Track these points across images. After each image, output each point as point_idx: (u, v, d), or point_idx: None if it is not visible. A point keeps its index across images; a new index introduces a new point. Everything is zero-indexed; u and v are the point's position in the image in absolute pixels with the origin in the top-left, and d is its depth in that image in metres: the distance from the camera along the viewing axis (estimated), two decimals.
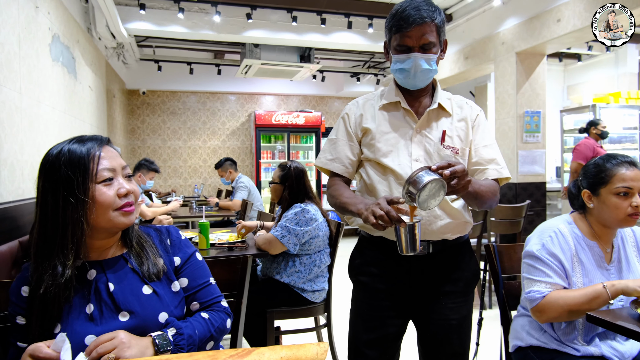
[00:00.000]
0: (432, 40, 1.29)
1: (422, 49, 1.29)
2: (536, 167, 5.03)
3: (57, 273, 0.92)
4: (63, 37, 3.45)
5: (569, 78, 7.97)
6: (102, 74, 5.14)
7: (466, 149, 1.39)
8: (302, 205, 2.38)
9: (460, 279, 1.40)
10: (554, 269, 1.40)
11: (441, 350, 1.40)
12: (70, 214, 0.93)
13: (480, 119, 1.43)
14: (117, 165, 1.00)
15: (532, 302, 1.39)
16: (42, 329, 0.91)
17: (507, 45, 5.04)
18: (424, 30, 1.27)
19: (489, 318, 2.55)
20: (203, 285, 1.11)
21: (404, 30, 1.27)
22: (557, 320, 1.39)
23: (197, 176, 8.02)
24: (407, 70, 1.31)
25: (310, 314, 2.43)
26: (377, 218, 1.11)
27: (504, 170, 1.40)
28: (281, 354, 0.86)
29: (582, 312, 1.31)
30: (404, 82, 1.37)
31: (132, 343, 0.89)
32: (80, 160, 0.94)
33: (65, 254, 0.93)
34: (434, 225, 1.33)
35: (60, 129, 3.30)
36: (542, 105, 5.05)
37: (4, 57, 2.29)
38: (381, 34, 5.83)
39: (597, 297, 1.29)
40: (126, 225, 1.00)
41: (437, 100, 1.38)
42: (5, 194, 2.29)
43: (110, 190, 0.97)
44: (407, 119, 1.38)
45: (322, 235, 2.39)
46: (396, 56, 1.32)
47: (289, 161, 2.58)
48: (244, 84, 7.98)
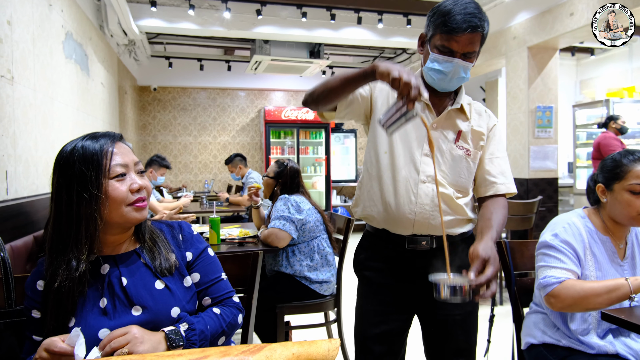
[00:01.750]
0: (476, 49, 1.26)
1: (464, 56, 1.26)
2: (548, 162, 4.97)
3: (71, 267, 0.93)
4: (76, 35, 3.49)
5: (581, 72, 7.85)
6: (114, 71, 5.18)
7: (478, 152, 1.38)
8: (286, 195, 2.46)
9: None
10: (568, 255, 1.38)
11: (445, 346, 1.39)
12: (84, 209, 0.94)
13: (497, 130, 1.43)
14: (130, 161, 1.01)
15: (547, 288, 1.36)
16: (56, 322, 0.93)
17: (518, 40, 4.97)
18: (473, 39, 1.23)
19: (500, 315, 2.54)
20: (215, 281, 1.12)
21: (454, 34, 1.22)
22: (570, 310, 1.35)
23: (208, 172, 8.07)
24: (444, 73, 1.28)
25: (320, 309, 2.44)
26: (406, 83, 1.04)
27: (512, 186, 1.40)
28: (293, 350, 0.86)
29: (599, 303, 1.28)
30: (435, 83, 1.33)
31: (145, 338, 0.90)
32: (94, 157, 0.96)
33: (79, 248, 0.94)
34: (437, 220, 1.32)
35: (73, 125, 3.34)
36: (554, 100, 4.98)
37: (18, 55, 2.32)
38: (391, 30, 5.79)
39: (617, 288, 1.27)
40: (138, 220, 1.01)
41: (460, 102, 1.36)
42: (21, 189, 2.33)
43: (122, 186, 0.98)
44: (426, 113, 1.36)
45: (312, 221, 2.42)
46: (437, 56, 1.27)
47: (287, 159, 2.62)
48: (254, 80, 7.99)
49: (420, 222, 1.32)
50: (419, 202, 1.31)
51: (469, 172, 1.37)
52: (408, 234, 1.35)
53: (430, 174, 1.33)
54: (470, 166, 1.37)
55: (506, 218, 1.35)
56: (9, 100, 2.19)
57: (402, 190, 1.33)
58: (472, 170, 1.38)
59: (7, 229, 2.03)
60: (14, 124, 2.26)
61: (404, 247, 1.36)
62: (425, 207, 1.31)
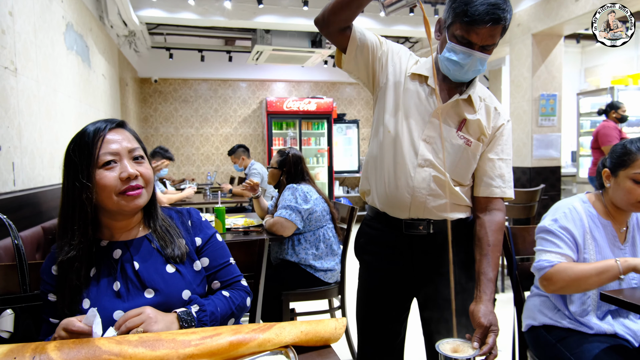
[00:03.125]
0: (496, 42, 1.22)
1: (483, 48, 1.21)
2: (551, 151, 4.98)
3: (65, 252, 0.98)
4: (76, 26, 3.49)
5: (586, 60, 7.80)
6: (115, 63, 5.18)
7: (480, 145, 1.34)
8: (294, 185, 2.47)
9: (464, 260, 1.37)
10: (565, 240, 1.41)
11: (444, 328, 1.42)
12: (76, 197, 0.98)
13: (506, 130, 1.37)
14: (122, 148, 1.01)
15: (540, 271, 1.41)
16: (70, 301, 0.97)
17: (523, 27, 4.94)
18: (494, 32, 1.18)
19: (501, 302, 2.56)
20: (224, 265, 1.14)
21: (475, 25, 1.16)
22: (563, 292, 1.40)
23: (210, 164, 8.09)
24: (460, 65, 1.24)
25: (325, 296, 2.48)
26: None
27: (509, 191, 1.36)
28: (301, 328, 0.89)
29: (590, 284, 1.33)
30: (450, 73, 1.29)
31: (159, 318, 0.93)
32: (86, 146, 0.98)
33: (71, 235, 0.99)
34: (432, 203, 1.31)
35: (76, 117, 3.35)
36: (559, 88, 4.96)
37: (21, 46, 2.33)
38: (394, 19, 5.76)
39: (607, 270, 1.30)
40: (132, 209, 1.01)
41: (469, 92, 1.32)
42: (27, 180, 2.35)
43: (111, 174, 0.98)
44: (433, 98, 1.32)
45: (319, 211, 2.44)
46: (455, 46, 1.23)
47: (288, 148, 2.65)
48: (255, 70, 7.97)
49: (416, 206, 1.32)
50: (415, 185, 1.31)
51: (468, 163, 1.34)
52: (405, 217, 1.35)
53: (427, 158, 1.30)
54: (469, 157, 1.33)
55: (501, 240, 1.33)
56: (13, 92, 2.21)
57: (400, 172, 1.32)
58: (471, 162, 1.34)
59: (16, 220, 2.05)
60: (19, 116, 2.28)
61: (402, 232, 1.36)
62: (422, 190, 1.31)
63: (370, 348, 1.45)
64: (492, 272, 1.28)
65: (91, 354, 0.77)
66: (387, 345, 1.44)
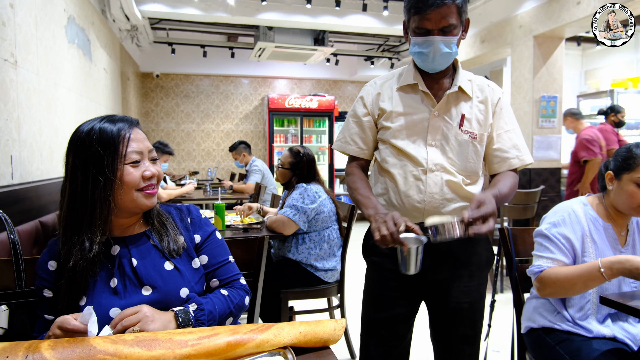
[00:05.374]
0: (453, 22, 1.25)
1: (442, 31, 1.25)
2: (551, 152, 4.97)
3: (85, 248, 0.95)
4: (78, 19, 3.47)
5: (587, 62, 7.78)
6: (117, 57, 5.16)
7: (485, 134, 1.36)
8: (304, 184, 2.45)
9: (473, 263, 1.40)
10: (559, 246, 1.41)
11: (452, 332, 1.41)
12: (99, 192, 0.95)
13: (503, 103, 1.40)
14: (145, 148, 1.03)
15: (533, 276, 1.43)
16: (69, 300, 0.95)
17: (524, 29, 4.92)
18: (444, 12, 1.22)
19: (500, 302, 2.56)
20: (222, 263, 1.13)
21: (423, 12, 1.22)
22: (555, 296, 1.42)
23: (211, 159, 8.08)
24: (425, 54, 1.28)
25: (324, 295, 2.47)
26: (381, 236, 1.13)
27: (526, 157, 1.38)
28: (300, 329, 0.88)
29: (578, 289, 1.34)
30: (423, 65, 1.34)
31: (156, 317, 0.91)
32: (111, 140, 0.97)
33: (93, 230, 0.96)
34: (446, 208, 1.33)
35: (76, 111, 3.33)
36: (559, 90, 4.95)
37: (21, 39, 2.31)
38: (396, 17, 5.73)
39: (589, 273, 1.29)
40: (148, 206, 1.03)
41: (458, 83, 1.35)
42: (25, 174, 2.34)
43: (136, 172, 1.00)
44: (426, 102, 1.36)
45: (327, 212, 2.43)
46: (415, 39, 1.29)
47: (301, 147, 2.59)
48: (258, 67, 7.95)
49: (430, 211, 1.33)
50: (428, 191, 1.32)
51: (477, 155, 1.36)
52: (417, 222, 1.35)
53: (437, 162, 1.32)
54: (477, 149, 1.36)
55: (515, 186, 1.35)
56: (12, 84, 2.19)
57: (410, 180, 1.33)
58: (480, 153, 1.37)
59: (13, 214, 2.04)
60: (18, 109, 2.26)
61: None
62: (435, 195, 1.32)
63: (375, 350, 1.43)
64: (505, 189, 1.28)
65: (86, 354, 0.76)
66: (393, 349, 1.43)
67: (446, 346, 1.43)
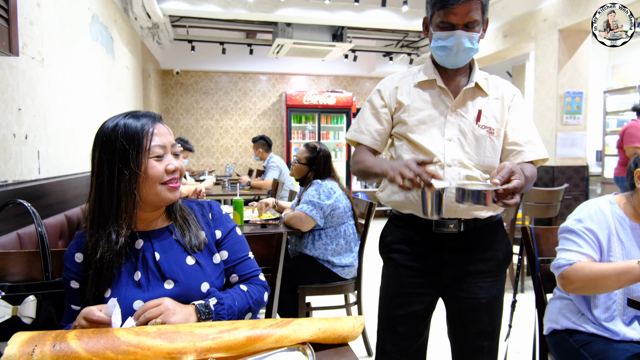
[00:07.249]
0: (477, 18, 1.26)
1: (466, 27, 1.27)
2: (576, 150, 4.84)
3: (111, 240, 0.98)
4: (102, 17, 3.53)
5: (614, 57, 7.55)
6: (138, 54, 5.24)
7: (502, 129, 1.37)
8: (319, 181, 2.47)
9: (492, 259, 1.39)
10: (587, 240, 1.37)
11: (470, 328, 1.40)
12: (124, 185, 0.98)
13: (517, 99, 1.41)
14: (168, 142, 1.05)
15: (558, 269, 1.37)
16: (96, 291, 0.98)
17: (549, 22, 4.81)
18: (470, 7, 1.24)
19: (522, 302, 2.52)
20: (242, 259, 1.15)
21: (449, 6, 1.24)
22: (581, 292, 1.36)
23: (229, 156, 8.15)
24: (449, 48, 1.29)
25: (341, 292, 2.47)
26: (407, 179, 1.09)
27: (541, 151, 1.37)
28: (319, 325, 0.88)
29: (609, 285, 1.27)
30: (444, 60, 1.35)
31: (177, 310, 0.93)
32: (135, 135, 0.99)
33: (120, 223, 0.99)
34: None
35: (99, 108, 3.40)
36: (585, 85, 4.82)
37: (47, 37, 2.37)
38: (416, 12, 5.67)
39: (627, 271, 1.24)
40: (171, 200, 1.05)
41: (474, 79, 1.36)
42: (51, 169, 2.40)
43: (160, 165, 1.02)
44: (443, 97, 1.37)
45: (342, 207, 2.43)
46: (438, 33, 1.30)
47: (318, 143, 2.60)
48: (276, 63, 7.97)
49: (448, 207, 1.32)
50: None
51: (495, 150, 1.36)
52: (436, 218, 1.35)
53: (455, 157, 1.32)
54: (495, 144, 1.36)
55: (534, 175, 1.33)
56: (40, 81, 2.25)
57: None
58: (498, 148, 1.37)
59: (40, 207, 2.10)
60: (45, 105, 2.32)
61: (430, 230, 1.37)
62: (453, 190, 1.31)
63: (392, 347, 1.43)
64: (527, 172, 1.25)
65: (110, 344, 0.78)
66: (410, 346, 1.43)
67: (464, 342, 1.42)
